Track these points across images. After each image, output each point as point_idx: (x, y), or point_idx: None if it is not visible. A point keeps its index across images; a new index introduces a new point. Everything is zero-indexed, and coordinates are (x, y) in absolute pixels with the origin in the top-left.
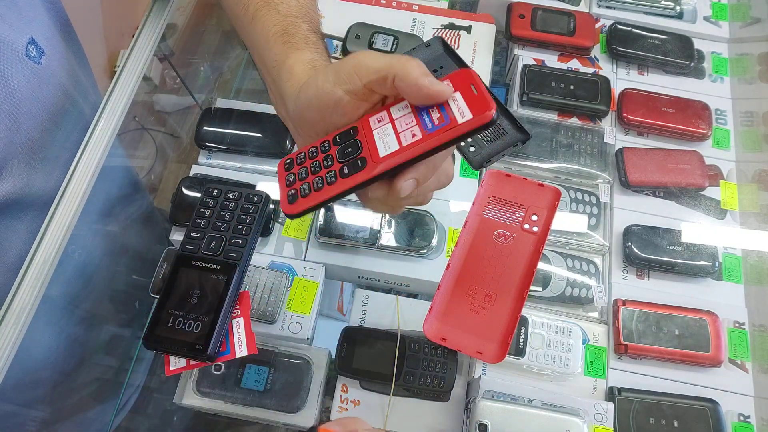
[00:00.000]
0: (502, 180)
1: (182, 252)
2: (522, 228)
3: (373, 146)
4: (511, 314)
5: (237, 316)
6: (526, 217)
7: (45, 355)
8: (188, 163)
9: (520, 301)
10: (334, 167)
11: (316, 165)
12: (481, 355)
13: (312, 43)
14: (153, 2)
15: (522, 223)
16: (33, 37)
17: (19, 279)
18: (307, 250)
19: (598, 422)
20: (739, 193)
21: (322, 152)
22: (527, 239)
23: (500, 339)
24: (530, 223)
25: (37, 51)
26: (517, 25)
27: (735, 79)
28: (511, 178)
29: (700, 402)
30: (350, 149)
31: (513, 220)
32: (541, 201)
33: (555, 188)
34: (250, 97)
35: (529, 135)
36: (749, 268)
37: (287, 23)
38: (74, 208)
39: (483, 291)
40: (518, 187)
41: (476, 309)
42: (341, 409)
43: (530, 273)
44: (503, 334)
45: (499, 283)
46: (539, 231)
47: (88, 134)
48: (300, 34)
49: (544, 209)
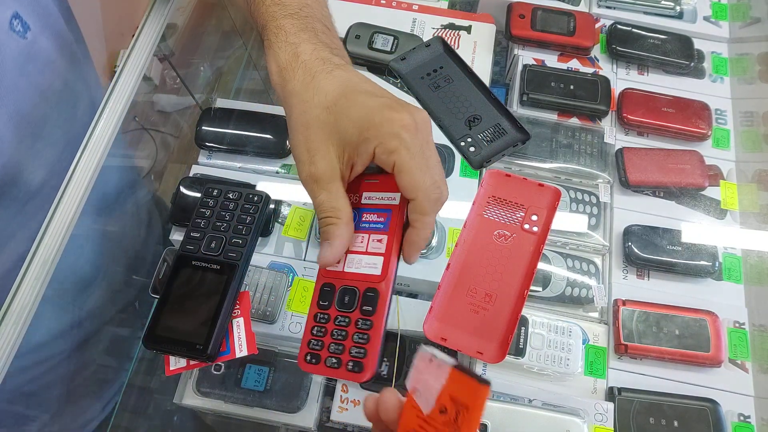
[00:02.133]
0: (502, 180)
1: (182, 252)
2: (522, 228)
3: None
4: (512, 314)
5: (237, 316)
6: (526, 217)
7: (44, 355)
8: (188, 163)
9: (520, 301)
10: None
11: (341, 333)
12: (482, 356)
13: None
14: (153, 2)
15: (522, 223)
16: (17, 12)
17: (19, 279)
18: (307, 250)
19: (598, 422)
20: (739, 193)
21: (340, 323)
22: (527, 239)
23: (500, 339)
24: (530, 223)
25: (22, 26)
26: (517, 25)
27: (735, 79)
28: (511, 178)
29: (700, 402)
30: (365, 305)
31: (513, 220)
32: (541, 201)
33: (555, 188)
34: (250, 97)
35: (529, 135)
36: (749, 268)
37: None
38: (74, 208)
39: (483, 291)
40: (518, 187)
41: (476, 309)
42: (341, 409)
43: (530, 273)
44: (503, 335)
45: (499, 283)
46: (539, 231)
47: (87, 134)
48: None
49: (544, 209)
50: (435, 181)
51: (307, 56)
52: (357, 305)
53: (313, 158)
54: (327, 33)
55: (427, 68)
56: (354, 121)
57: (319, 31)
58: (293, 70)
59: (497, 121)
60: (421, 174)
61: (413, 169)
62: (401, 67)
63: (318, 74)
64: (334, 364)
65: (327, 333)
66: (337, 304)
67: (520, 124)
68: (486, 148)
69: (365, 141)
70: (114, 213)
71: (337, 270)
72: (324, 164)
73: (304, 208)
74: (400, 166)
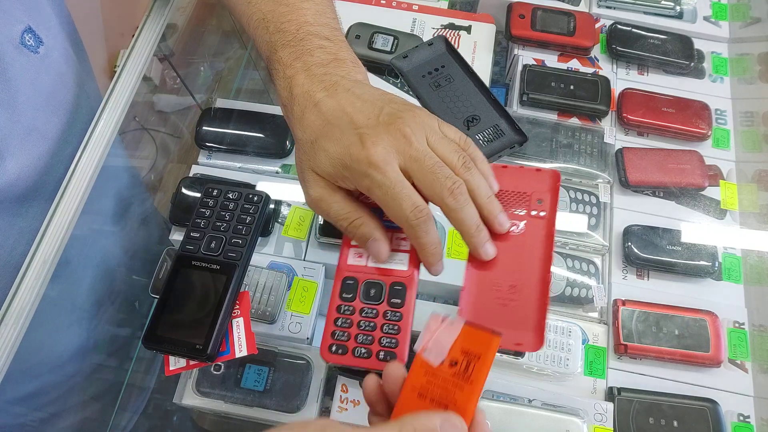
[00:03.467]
0: (499, 172)
1: (182, 252)
2: (530, 215)
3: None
4: (540, 300)
5: (237, 316)
6: (531, 204)
7: (44, 355)
8: (188, 163)
9: (545, 286)
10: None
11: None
12: (521, 346)
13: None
14: (153, 2)
15: (528, 210)
16: (30, 26)
17: (19, 279)
18: (307, 250)
19: (597, 422)
20: (738, 193)
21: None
22: (537, 224)
23: (535, 326)
24: (537, 209)
25: (34, 40)
26: (517, 25)
27: (735, 79)
28: (508, 168)
29: (699, 402)
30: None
31: (519, 209)
32: (541, 185)
33: (553, 170)
34: (250, 97)
35: (527, 137)
36: (749, 268)
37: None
38: (74, 208)
39: (507, 283)
40: (517, 176)
41: (504, 302)
42: (341, 409)
43: (548, 257)
44: (537, 321)
45: (520, 273)
46: (547, 214)
47: (87, 134)
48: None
49: (547, 192)
50: (414, 205)
51: (299, 90)
52: (384, 298)
53: (307, 187)
54: (325, 47)
55: (429, 67)
56: (332, 159)
57: (316, 50)
58: (291, 106)
59: (495, 122)
60: (396, 206)
61: (388, 204)
62: (403, 64)
63: (306, 110)
64: (363, 354)
65: (353, 324)
66: (362, 297)
67: (518, 126)
68: (483, 149)
69: (344, 178)
70: (114, 213)
71: (359, 264)
72: (318, 190)
73: (304, 208)
74: (378, 202)
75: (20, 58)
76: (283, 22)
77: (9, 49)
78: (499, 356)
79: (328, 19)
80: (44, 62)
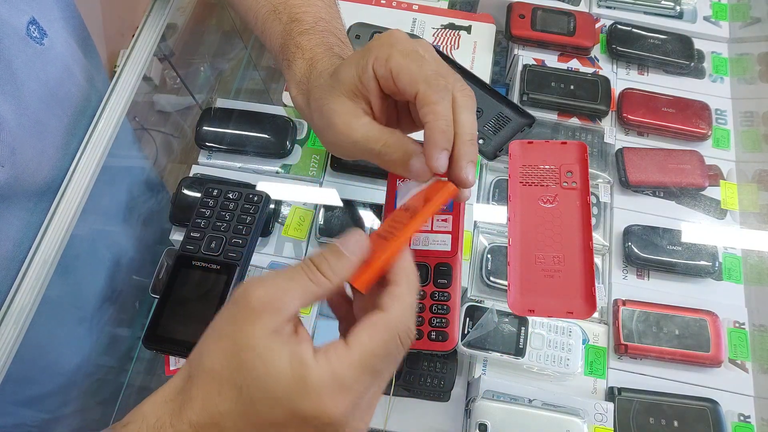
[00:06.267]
0: (526, 148)
1: (182, 252)
2: (562, 186)
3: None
4: (586, 267)
5: None
6: (561, 176)
7: (44, 355)
8: (188, 163)
9: (589, 253)
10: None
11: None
12: (573, 314)
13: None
14: (153, 2)
15: (560, 182)
16: (34, 17)
17: (19, 279)
18: (307, 250)
19: (598, 422)
20: (739, 193)
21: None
22: (571, 195)
23: (585, 293)
24: (568, 180)
25: (39, 32)
26: (517, 25)
27: (735, 79)
28: (534, 144)
29: (700, 402)
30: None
31: (551, 182)
32: (570, 157)
33: (579, 142)
34: (250, 97)
35: (534, 118)
36: (749, 268)
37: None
38: (74, 208)
39: (551, 255)
40: (544, 151)
41: (550, 274)
42: None
43: (588, 224)
44: (586, 288)
45: (561, 244)
46: (579, 185)
47: (88, 134)
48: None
49: (576, 164)
50: (437, 71)
51: (321, 66)
52: (430, 279)
53: (332, 116)
54: (341, 46)
55: None
56: (349, 59)
57: (334, 44)
58: (309, 80)
59: (499, 111)
60: (418, 67)
61: (410, 65)
62: None
63: (328, 74)
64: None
65: None
66: None
67: (522, 108)
68: (494, 138)
69: (364, 67)
70: (113, 212)
71: None
72: (343, 117)
73: (304, 208)
74: (397, 69)
75: (26, 49)
76: (297, 13)
77: (15, 41)
78: (499, 356)
79: (339, 24)
80: (49, 54)
